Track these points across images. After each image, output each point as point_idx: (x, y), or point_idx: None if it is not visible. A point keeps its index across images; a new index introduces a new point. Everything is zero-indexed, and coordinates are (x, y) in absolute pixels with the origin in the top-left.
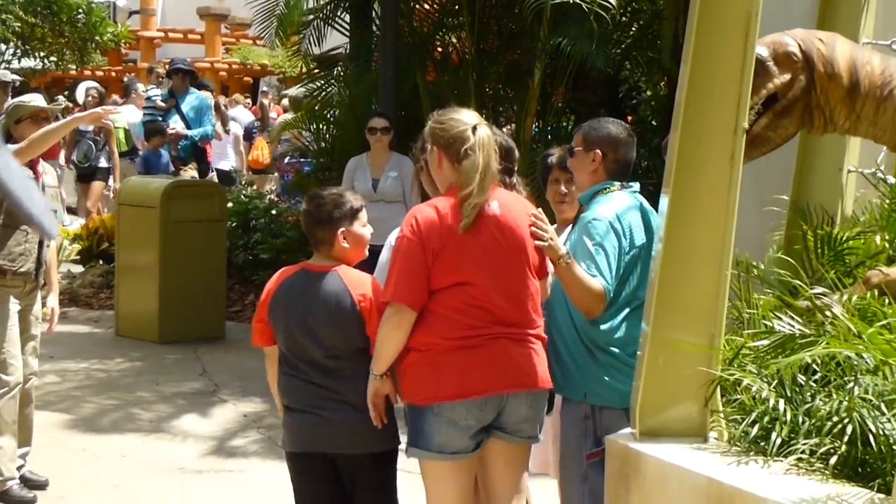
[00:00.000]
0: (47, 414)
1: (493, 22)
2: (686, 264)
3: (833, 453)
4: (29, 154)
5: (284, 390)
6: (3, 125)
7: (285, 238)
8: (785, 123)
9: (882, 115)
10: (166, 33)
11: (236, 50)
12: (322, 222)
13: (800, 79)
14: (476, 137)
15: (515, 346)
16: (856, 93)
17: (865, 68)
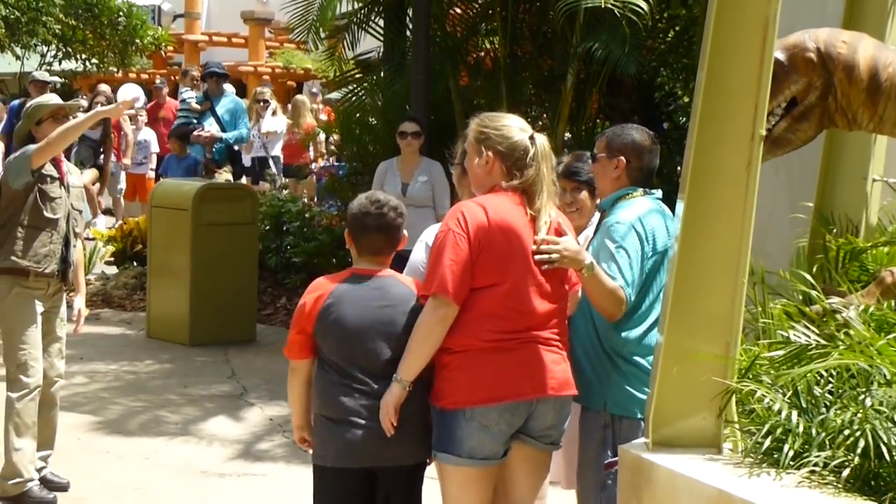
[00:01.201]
0: (74, 415)
1: (525, 27)
2: (702, 272)
3: (846, 466)
4: (50, 152)
5: (332, 402)
6: (23, 127)
7: (317, 242)
8: (804, 127)
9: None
10: (210, 37)
11: (280, 54)
12: (386, 229)
13: (816, 85)
14: (537, 146)
15: (546, 351)
16: (877, 95)
17: (888, 70)
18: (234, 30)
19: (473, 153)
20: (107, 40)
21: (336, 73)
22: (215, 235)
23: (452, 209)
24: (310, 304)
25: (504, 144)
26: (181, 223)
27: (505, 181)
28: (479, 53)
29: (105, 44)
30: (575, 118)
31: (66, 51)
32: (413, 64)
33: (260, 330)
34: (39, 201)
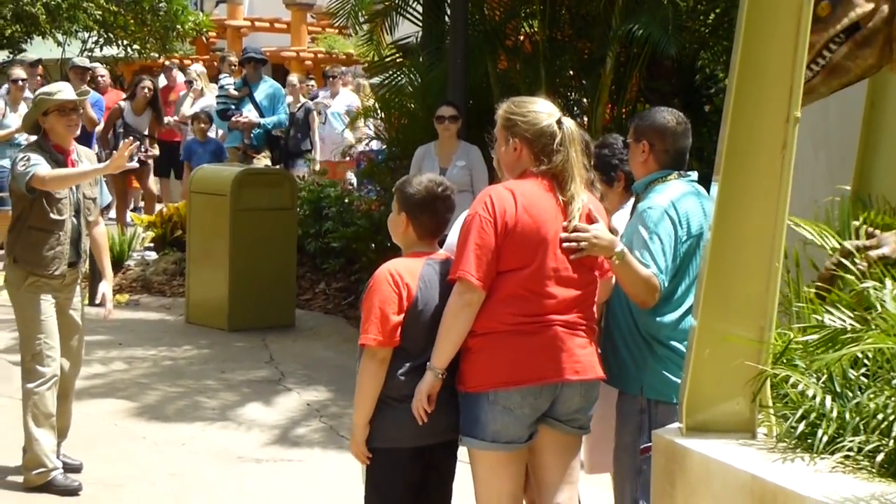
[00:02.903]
0: (112, 401)
1: (565, 9)
2: (736, 255)
3: (880, 451)
4: (48, 188)
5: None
6: (31, 116)
7: (356, 227)
8: (865, 54)
9: None
10: (253, 22)
11: (322, 39)
12: (451, 211)
13: (882, 8)
14: (564, 131)
15: (569, 335)
16: None
17: None
18: (277, 15)
19: (502, 140)
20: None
21: (376, 58)
22: (254, 221)
23: (482, 193)
24: (405, 289)
25: (531, 131)
26: (220, 209)
27: (534, 167)
28: (518, 37)
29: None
30: (615, 101)
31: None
32: (451, 48)
33: (299, 315)
34: (46, 204)
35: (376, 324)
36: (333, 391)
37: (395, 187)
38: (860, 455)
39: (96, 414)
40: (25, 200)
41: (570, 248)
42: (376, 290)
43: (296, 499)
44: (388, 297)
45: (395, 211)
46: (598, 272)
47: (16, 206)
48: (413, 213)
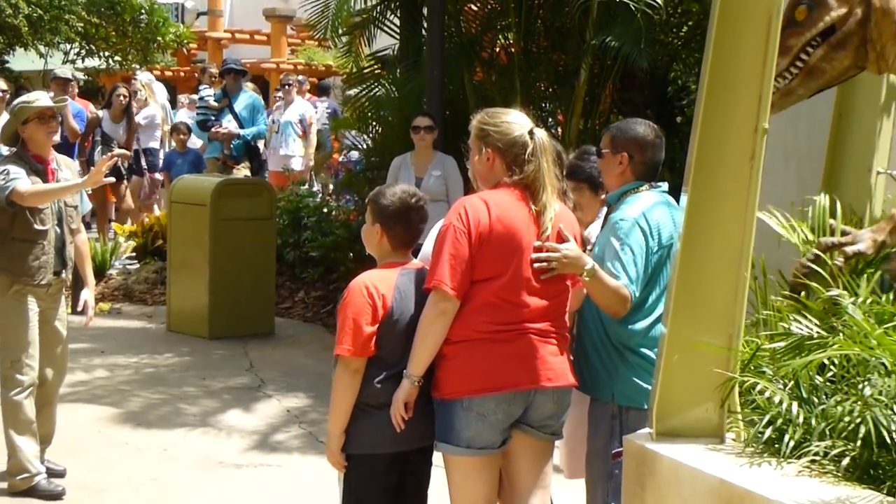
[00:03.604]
0: (94, 408)
1: (540, 22)
2: (705, 264)
3: (846, 455)
4: (28, 204)
5: (383, 392)
6: (10, 126)
7: (335, 236)
8: (840, 56)
9: None
10: (233, 34)
11: (302, 51)
12: (424, 221)
13: (856, 12)
14: (536, 141)
15: (542, 343)
16: None
17: None
18: (257, 27)
19: (475, 150)
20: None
21: (354, 70)
22: (234, 230)
23: (456, 203)
24: (380, 300)
25: (503, 141)
26: (200, 218)
27: (507, 177)
28: (494, 49)
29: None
30: (589, 112)
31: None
32: (428, 60)
33: (278, 323)
34: (29, 215)
35: (350, 335)
36: (313, 398)
37: (369, 199)
38: (826, 459)
39: (79, 420)
40: (7, 213)
41: (541, 268)
42: (351, 301)
43: (275, 503)
44: (361, 309)
45: (370, 222)
46: (570, 281)
47: None
48: (387, 224)
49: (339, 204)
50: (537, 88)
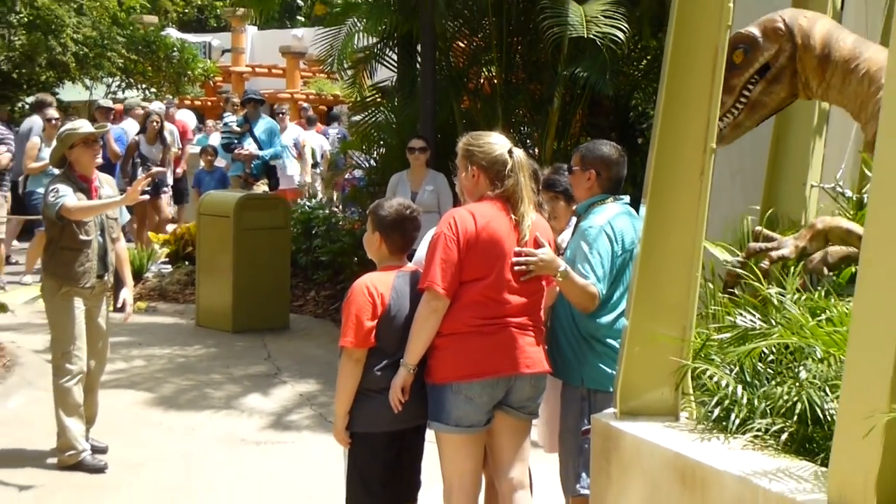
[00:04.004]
0: (132, 393)
1: (518, 57)
2: (662, 266)
3: (784, 431)
4: (75, 218)
5: (382, 378)
6: (57, 151)
7: (341, 243)
8: (777, 89)
9: (847, 85)
10: (253, 68)
11: (313, 82)
12: (417, 229)
13: (785, 49)
14: (514, 159)
15: (521, 334)
16: (826, 63)
17: (839, 43)
18: (274, 62)
19: (462, 167)
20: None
21: (358, 99)
22: (254, 238)
23: (446, 214)
24: (379, 298)
25: (486, 159)
26: (225, 228)
27: (490, 191)
28: (479, 81)
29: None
30: (561, 135)
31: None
32: (422, 90)
33: (292, 319)
34: (75, 227)
35: (353, 329)
36: (322, 383)
37: (369, 210)
38: (767, 435)
39: (119, 404)
40: (57, 225)
41: (521, 270)
42: (353, 300)
43: (289, 475)
44: (363, 306)
45: (370, 230)
46: (546, 281)
47: (49, 230)
48: (385, 232)
49: (345, 215)
50: (517, 114)
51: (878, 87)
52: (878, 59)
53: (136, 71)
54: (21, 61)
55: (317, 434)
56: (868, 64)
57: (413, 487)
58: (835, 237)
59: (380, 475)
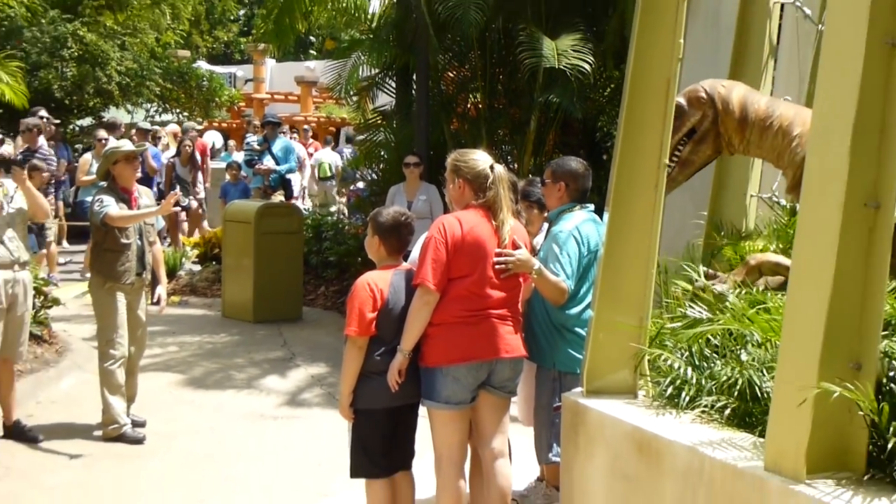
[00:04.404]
0: (167, 374)
1: (500, 85)
2: (622, 264)
3: (727, 407)
4: (118, 225)
5: (381, 362)
6: (103, 166)
7: (347, 245)
8: (703, 148)
9: (764, 140)
10: (272, 95)
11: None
12: (410, 233)
13: (708, 114)
14: (495, 174)
15: (501, 324)
16: (745, 123)
17: (753, 106)
18: (290, 90)
19: (450, 180)
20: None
21: (362, 121)
22: (271, 241)
23: (436, 221)
24: (379, 293)
25: (471, 173)
26: (246, 233)
27: (475, 200)
28: (466, 106)
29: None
30: (537, 152)
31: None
32: (416, 114)
33: (305, 311)
34: (117, 232)
35: (356, 319)
36: (331, 366)
37: (370, 217)
38: (713, 411)
39: (156, 384)
40: (101, 230)
41: (501, 268)
42: (356, 294)
43: (302, 446)
44: (365, 300)
45: (370, 234)
46: (522, 278)
47: (94, 234)
48: (384, 236)
49: (351, 221)
50: (498, 134)
51: (791, 139)
52: (788, 115)
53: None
54: (72, 89)
55: (326, 410)
56: (780, 120)
57: (408, 456)
58: (766, 270)
59: (379, 445)
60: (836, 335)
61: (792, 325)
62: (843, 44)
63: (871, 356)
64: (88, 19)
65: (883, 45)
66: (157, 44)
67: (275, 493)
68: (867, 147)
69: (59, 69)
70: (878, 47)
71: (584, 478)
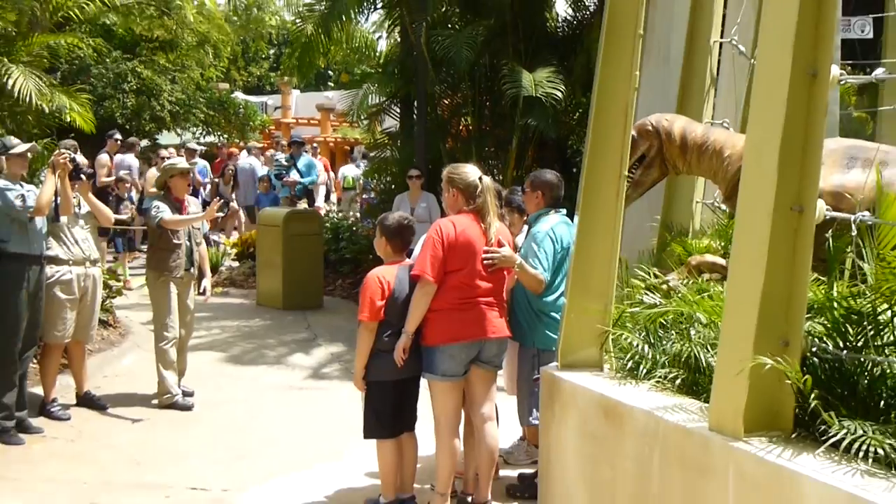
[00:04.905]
0: (211, 353)
1: (487, 110)
2: (590, 260)
3: (678, 378)
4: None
5: (389, 342)
6: (161, 179)
7: (360, 245)
8: (651, 172)
9: (702, 162)
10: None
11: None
12: (413, 234)
13: (654, 144)
14: (483, 184)
15: (489, 309)
16: (685, 149)
17: (692, 134)
18: (312, 115)
19: (445, 190)
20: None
21: (372, 141)
22: (297, 242)
23: (434, 223)
24: (386, 285)
25: (463, 183)
26: (276, 235)
27: (466, 206)
28: (459, 128)
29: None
30: (518, 166)
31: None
32: (417, 135)
33: (325, 300)
34: (169, 234)
35: (368, 307)
36: (348, 346)
37: (378, 221)
38: (666, 381)
39: (201, 361)
40: (156, 232)
41: (488, 263)
42: (367, 286)
43: (323, 413)
44: (374, 290)
45: (378, 236)
46: (506, 271)
47: (150, 235)
48: (390, 237)
49: (363, 224)
50: (486, 151)
51: (723, 159)
52: (720, 140)
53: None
54: (131, 116)
55: (343, 382)
56: (714, 144)
57: (412, 420)
58: (705, 268)
59: (388, 411)
60: (768, 317)
61: (732, 309)
62: (771, 74)
63: (797, 335)
64: (145, 58)
65: (805, 75)
66: (202, 78)
67: (302, 452)
68: (793, 161)
69: (121, 100)
70: (801, 77)
71: (559, 437)
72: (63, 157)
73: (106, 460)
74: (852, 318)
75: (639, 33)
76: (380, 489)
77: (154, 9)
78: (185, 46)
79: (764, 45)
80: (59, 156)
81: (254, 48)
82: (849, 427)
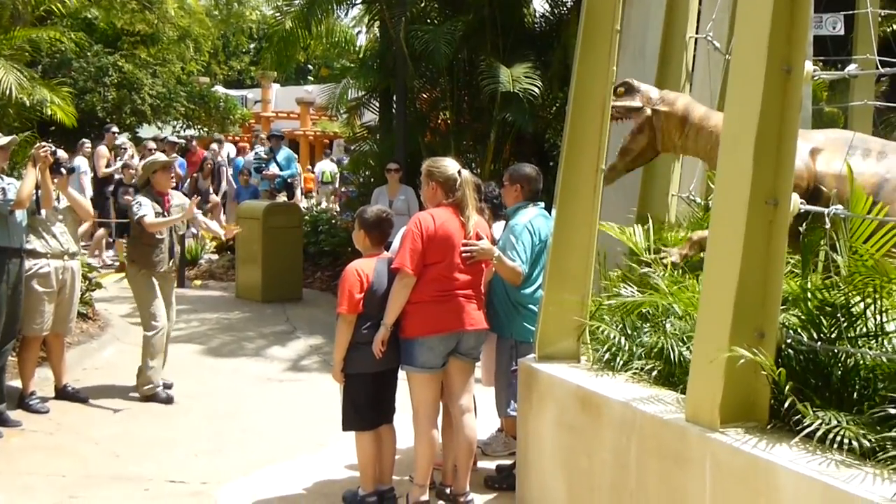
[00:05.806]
0: (191, 345)
1: (465, 104)
2: (567, 253)
3: (654, 370)
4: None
5: (368, 334)
6: (144, 175)
7: (339, 238)
8: (639, 138)
9: (699, 138)
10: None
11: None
12: (391, 227)
13: (646, 110)
14: (462, 178)
15: (467, 302)
16: (685, 122)
17: (694, 112)
18: (291, 109)
19: (425, 183)
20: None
21: (351, 134)
22: (277, 234)
23: (413, 217)
24: (365, 278)
25: (442, 177)
26: (256, 227)
27: (445, 200)
28: (437, 121)
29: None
30: (496, 160)
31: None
32: (396, 128)
33: (305, 292)
34: None
35: (346, 299)
36: (326, 338)
37: (356, 214)
38: (642, 372)
39: (182, 353)
40: (137, 228)
41: (467, 256)
42: (346, 278)
43: (303, 404)
44: (353, 283)
45: (357, 229)
46: (485, 264)
47: (133, 229)
48: (368, 230)
49: (342, 217)
50: (464, 145)
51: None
52: (720, 123)
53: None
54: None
55: (322, 374)
56: (716, 128)
57: (390, 412)
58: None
59: (366, 403)
60: (744, 309)
61: (707, 301)
62: (747, 70)
63: (772, 327)
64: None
65: (780, 70)
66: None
67: (282, 443)
68: (767, 155)
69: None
70: (776, 73)
71: (536, 428)
72: (44, 150)
73: (85, 453)
74: (826, 310)
75: (616, 29)
76: (359, 481)
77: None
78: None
79: (739, 41)
80: (40, 149)
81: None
82: (823, 418)
